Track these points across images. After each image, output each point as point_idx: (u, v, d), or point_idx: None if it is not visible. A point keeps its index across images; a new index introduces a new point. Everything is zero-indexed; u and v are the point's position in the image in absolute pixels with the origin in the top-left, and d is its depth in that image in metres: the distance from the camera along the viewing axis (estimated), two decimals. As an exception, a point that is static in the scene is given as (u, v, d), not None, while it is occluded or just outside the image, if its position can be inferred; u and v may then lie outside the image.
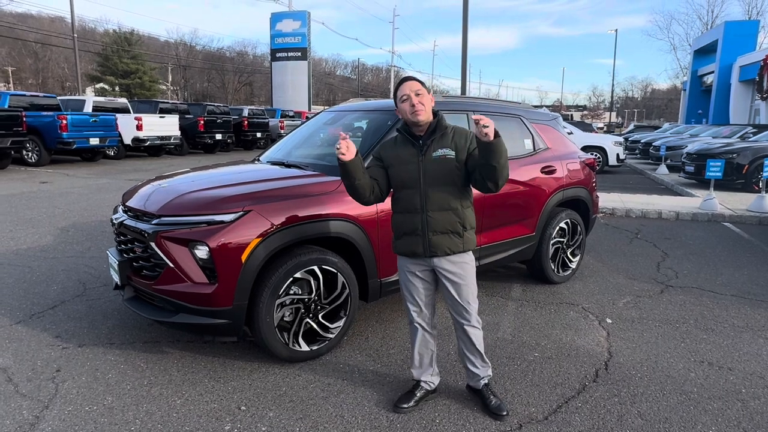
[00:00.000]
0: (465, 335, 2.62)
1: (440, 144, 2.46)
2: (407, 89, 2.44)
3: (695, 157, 11.31)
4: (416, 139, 2.49)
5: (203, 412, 2.58)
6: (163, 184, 3.41)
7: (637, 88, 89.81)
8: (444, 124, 2.51)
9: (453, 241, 2.48)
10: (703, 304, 4.31)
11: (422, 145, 2.47)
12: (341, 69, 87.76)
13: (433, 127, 2.48)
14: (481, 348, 2.64)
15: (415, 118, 2.43)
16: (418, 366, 2.71)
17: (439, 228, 2.46)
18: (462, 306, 2.56)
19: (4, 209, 7.49)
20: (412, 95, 2.42)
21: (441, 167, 2.43)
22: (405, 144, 2.51)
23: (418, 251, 2.50)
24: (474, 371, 2.67)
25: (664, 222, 7.99)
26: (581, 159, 4.94)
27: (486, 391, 2.66)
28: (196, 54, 65.01)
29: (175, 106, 18.98)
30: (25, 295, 4.13)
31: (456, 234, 2.48)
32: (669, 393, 2.86)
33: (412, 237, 2.50)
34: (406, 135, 2.52)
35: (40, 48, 52.33)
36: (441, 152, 2.44)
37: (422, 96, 2.44)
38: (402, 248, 2.57)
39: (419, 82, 2.48)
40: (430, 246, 2.47)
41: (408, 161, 2.47)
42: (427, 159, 2.44)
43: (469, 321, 2.59)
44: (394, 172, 2.51)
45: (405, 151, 2.49)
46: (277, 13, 35.77)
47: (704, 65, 33.69)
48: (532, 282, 4.77)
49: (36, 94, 15.20)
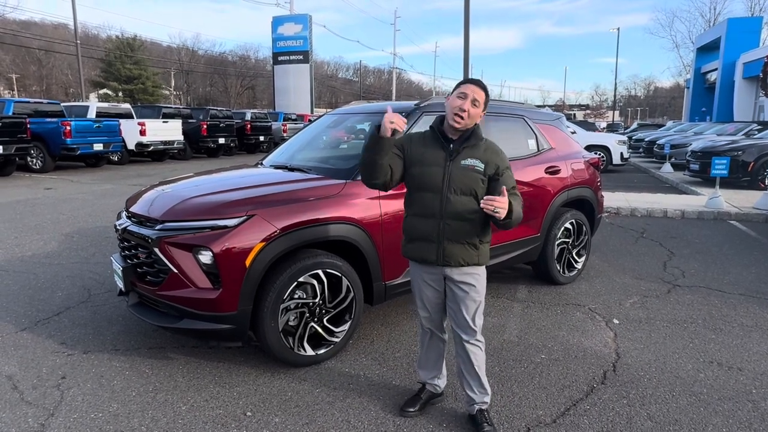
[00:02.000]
0: (464, 353, 2.47)
1: (471, 153, 2.31)
2: (470, 90, 2.28)
3: (700, 155, 11.25)
4: (447, 141, 2.35)
5: (209, 419, 2.57)
6: (166, 190, 3.40)
7: (640, 86, 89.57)
8: (479, 134, 2.36)
9: (468, 252, 2.35)
10: (711, 303, 4.27)
11: (452, 149, 2.32)
12: (343, 71, 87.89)
13: (468, 134, 2.33)
14: (480, 371, 2.48)
15: (452, 122, 2.29)
16: (425, 368, 2.67)
17: (455, 237, 2.33)
18: (466, 320, 2.42)
19: (9, 216, 7.51)
20: (468, 100, 2.26)
21: (467, 176, 2.29)
22: (434, 144, 2.36)
23: (430, 258, 2.38)
24: (470, 395, 2.50)
25: (669, 221, 7.95)
26: (585, 158, 4.92)
27: (479, 417, 2.48)
28: (199, 58, 65.22)
29: (178, 111, 19.01)
30: (30, 301, 4.13)
31: (472, 245, 2.35)
32: (678, 394, 2.83)
33: (424, 243, 2.37)
34: (438, 134, 2.37)
35: (44, 55, 52.62)
36: (470, 162, 2.30)
37: (476, 108, 2.28)
38: (412, 253, 2.44)
39: (485, 94, 2.32)
40: (444, 254, 2.34)
41: (434, 163, 2.32)
42: (454, 165, 2.30)
43: (471, 337, 2.44)
44: (417, 172, 2.35)
45: (433, 152, 2.34)
46: (279, 17, 35.84)
47: (707, 62, 33.56)
48: (538, 283, 4.74)
49: (40, 100, 15.27)
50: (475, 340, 2.46)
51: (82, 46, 28.51)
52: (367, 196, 3.25)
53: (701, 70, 34.79)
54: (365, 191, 3.27)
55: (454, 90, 2.34)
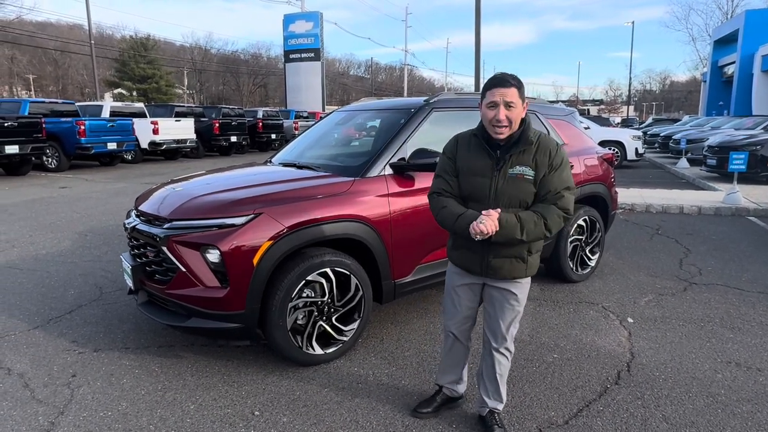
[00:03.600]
0: (491, 359, 2.38)
1: (519, 160, 2.12)
2: (498, 95, 2.06)
3: (717, 150, 11.04)
4: (494, 149, 2.16)
5: (216, 418, 2.56)
6: (174, 188, 3.40)
7: (655, 80, 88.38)
8: (529, 136, 2.14)
9: (515, 266, 2.20)
10: (729, 301, 4.17)
11: (499, 158, 2.15)
12: (354, 69, 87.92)
13: (516, 138, 2.13)
14: (501, 380, 2.39)
15: (495, 135, 2.11)
16: (443, 372, 2.57)
17: (502, 252, 2.17)
18: (501, 327, 2.31)
19: (25, 214, 7.61)
20: (501, 106, 2.06)
21: (516, 187, 2.11)
22: (480, 152, 2.18)
23: (473, 270, 2.26)
24: (484, 398, 2.44)
25: (685, 217, 7.80)
26: (599, 154, 4.83)
27: (489, 419, 2.42)
28: (211, 57, 65.66)
29: (190, 110, 19.14)
30: (43, 299, 4.16)
31: (520, 259, 2.20)
32: (695, 395, 2.76)
33: (469, 253, 2.24)
34: (483, 142, 2.18)
35: (60, 55, 53.37)
36: (519, 170, 2.11)
37: (513, 109, 2.07)
38: (457, 260, 2.33)
39: (516, 88, 2.08)
40: (489, 268, 2.21)
41: (480, 173, 2.15)
42: (502, 175, 2.13)
43: (502, 346, 2.35)
44: (463, 182, 2.21)
45: (479, 160, 2.17)
46: (290, 15, 35.90)
47: (725, 55, 32.91)
48: (550, 281, 4.67)
49: (55, 100, 15.46)
50: (504, 348, 2.36)
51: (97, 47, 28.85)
52: (375, 194, 3.22)
53: (718, 63, 34.13)
54: (373, 188, 3.24)
55: (482, 98, 2.14)
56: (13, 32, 43.92)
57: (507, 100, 2.06)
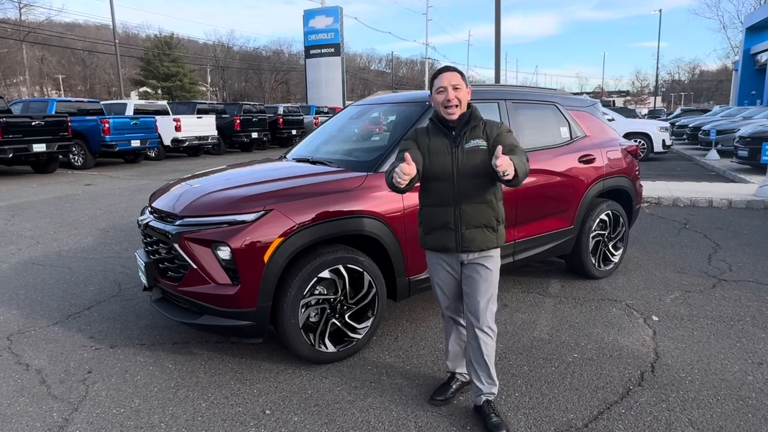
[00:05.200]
0: (475, 341, 2.43)
1: (473, 135, 2.36)
2: (445, 81, 2.33)
3: (749, 141, 10.65)
4: (449, 129, 2.38)
5: (228, 416, 2.54)
6: (187, 185, 3.39)
7: (684, 70, 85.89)
8: (477, 115, 2.41)
9: (487, 236, 2.38)
10: (761, 299, 3.99)
11: (456, 136, 2.36)
12: (375, 63, 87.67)
13: (467, 117, 2.38)
14: (489, 361, 2.44)
15: (448, 116, 2.34)
16: (453, 358, 2.70)
17: (473, 222, 2.36)
18: (479, 303, 2.40)
19: (51, 211, 7.77)
20: (449, 88, 2.31)
21: (474, 158, 2.32)
22: (438, 134, 2.40)
23: (450, 246, 2.40)
24: (477, 385, 2.47)
25: (715, 211, 7.53)
26: (622, 146, 4.66)
27: (486, 407, 2.45)
28: (234, 55, 66.25)
29: (212, 107, 19.33)
30: (64, 295, 4.22)
31: (490, 228, 2.38)
32: (723, 399, 2.63)
33: (443, 231, 2.40)
34: (439, 125, 2.41)
35: (88, 55, 54.54)
36: (474, 143, 2.33)
37: (460, 90, 2.33)
38: (432, 243, 2.46)
39: (459, 74, 2.36)
40: (463, 241, 2.37)
41: (441, 152, 2.36)
42: (460, 150, 2.34)
43: (482, 324, 2.41)
44: (427, 163, 2.37)
45: (438, 141, 2.38)
46: (310, 10, 35.97)
47: (758, 43, 31.72)
48: (572, 277, 4.54)
49: (81, 99, 15.78)
50: (486, 327, 2.42)
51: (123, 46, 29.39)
52: (389, 189, 3.14)
53: (750, 51, 32.93)
54: (387, 184, 3.17)
55: (431, 87, 2.40)
56: (43, 33, 45.04)
57: (453, 83, 2.31)
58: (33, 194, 9.49)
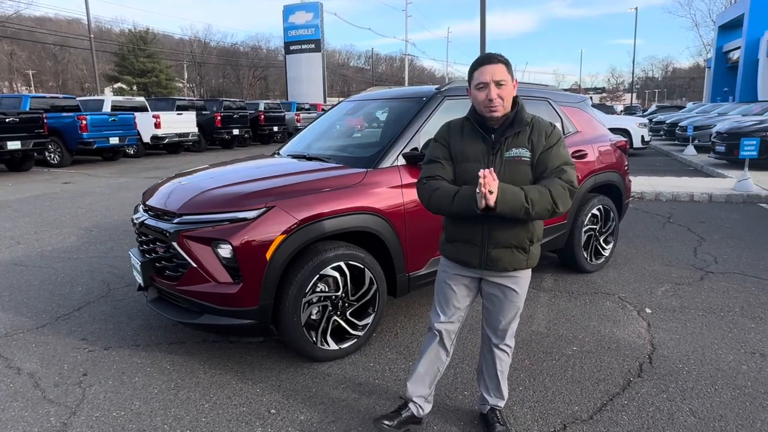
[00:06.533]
0: (490, 356, 2.30)
1: (515, 142, 2.02)
2: (487, 75, 1.97)
3: (726, 137, 10.90)
4: (488, 132, 2.05)
5: (232, 417, 2.50)
6: (183, 182, 3.33)
7: (658, 67, 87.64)
8: (523, 117, 2.05)
9: (516, 257, 2.08)
10: (748, 290, 4.09)
11: (495, 141, 2.03)
12: (354, 60, 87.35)
13: (511, 119, 2.04)
14: (502, 377, 2.31)
15: (489, 114, 2.00)
16: (417, 381, 2.30)
17: (502, 242, 2.05)
18: (501, 323, 2.21)
19: (29, 210, 7.55)
20: (492, 85, 1.96)
21: (514, 170, 1.99)
22: (474, 136, 2.07)
23: (472, 263, 2.11)
24: (484, 395, 2.37)
25: (696, 205, 7.70)
26: (612, 142, 4.73)
27: (491, 416, 2.35)
28: (211, 50, 65.29)
29: (191, 103, 19.02)
30: (51, 296, 4.11)
31: (521, 249, 2.08)
32: (721, 388, 2.69)
33: (467, 246, 2.10)
34: (477, 126, 2.08)
35: (59, 50, 53.13)
36: (515, 152, 2.00)
37: (504, 88, 1.97)
38: (452, 255, 2.17)
39: (504, 65, 1.99)
40: (488, 260, 2.08)
41: (475, 158, 2.03)
42: (499, 159, 2.02)
43: (502, 342, 2.26)
44: (458, 170, 2.08)
45: (473, 145, 2.05)
46: (290, 6, 35.63)
47: (730, 41, 32.53)
48: (564, 271, 4.60)
49: (56, 95, 15.35)
50: (504, 345, 2.27)
51: (96, 41, 28.65)
52: (389, 185, 3.14)
53: (723, 48, 33.76)
54: (387, 179, 3.16)
55: (469, 80, 2.06)
56: (12, 27, 43.70)
57: (496, 79, 1.96)
58: (9, 193, 9.21)
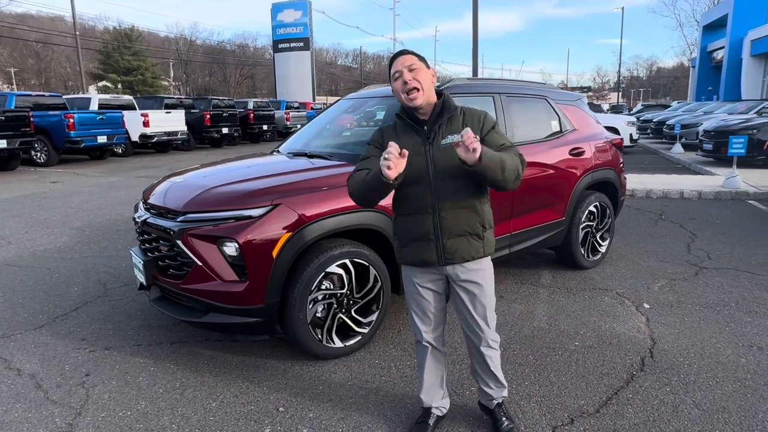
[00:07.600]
0: (480, 356, 2.27)
1: (449, 129, 2.04)
2: (399, 64, 2.02)
3: (714, 135, 11.08)
4: (420, 124, 2.07)
5: (240, 415, 2.49)
6: (185, 179, 3.30)
7: (642, 67, 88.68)
8: (451, 104, 2.09)
9: (472, 244, 2.09)
10: (742, 285, 4.17)
11: (428, 131, 2.05)
12: (342, 58, 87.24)
13: (440, 108, 2.07)
14: (496, 370, 2.29)
15: (409, 102, 2.02)
16: (429, 390, 2.34)
17: (455, 230, 2.06)
18: (477, 322, 2.19)
19: (18, 210, 7.43)
20: (405, 71, 1.99)
21: (452, 157, 1.93)
22: (407, 131, 2.08)
23: (430, 259, 2.09)
24: (487, 391, 2.35)
25: (686, 202, 7.82)
26: (608, 139, 4.78)
27: (498, 412, 2.34)
28: (197, 48, 64.76)
29: (180, 102, 18.84)
30: (46, 297, 4.05)
31: (475, 236, 2.09)
32: (722, 381, 2.74)
33: (422, 243, 2.09)
34: (408, 120, 2.09)
35: (42, 48, 52.26)
36: (451, 138, 1.97)
37: (417, 71, 2.00)
38: (410, 257, 2.14)
39: (414, 55, 2.04)
40: (445, 252, 2.07)
41: (412, 152, 1.97)
42: (435, 148, 2.03)
43: (485, 341, 2.22)
44: None
45: (408, 139, 2.04)
46: (278, 3, 35.42)
47: (714, 41, 33.04)
48: (561, 267, 4.64)
49: (42, 93, 15.12)
50: (490, 342, 2.24)
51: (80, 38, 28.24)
52: None
53: (707, 48, 34.27)
54: (391, 177, 3.15)
55: (389, 78, 2.10)
56: (-7, 24, 42.92)
57: (407, 64, 2.01)
58: (-4, 193, 9.05)
